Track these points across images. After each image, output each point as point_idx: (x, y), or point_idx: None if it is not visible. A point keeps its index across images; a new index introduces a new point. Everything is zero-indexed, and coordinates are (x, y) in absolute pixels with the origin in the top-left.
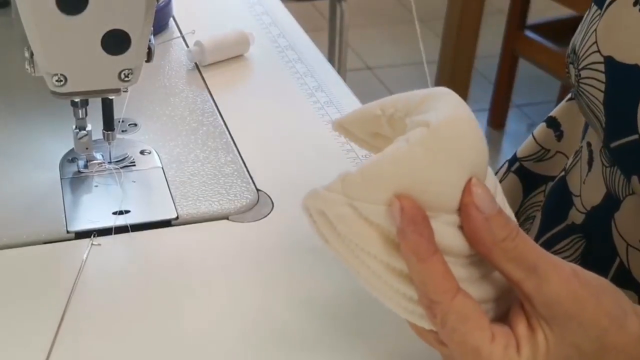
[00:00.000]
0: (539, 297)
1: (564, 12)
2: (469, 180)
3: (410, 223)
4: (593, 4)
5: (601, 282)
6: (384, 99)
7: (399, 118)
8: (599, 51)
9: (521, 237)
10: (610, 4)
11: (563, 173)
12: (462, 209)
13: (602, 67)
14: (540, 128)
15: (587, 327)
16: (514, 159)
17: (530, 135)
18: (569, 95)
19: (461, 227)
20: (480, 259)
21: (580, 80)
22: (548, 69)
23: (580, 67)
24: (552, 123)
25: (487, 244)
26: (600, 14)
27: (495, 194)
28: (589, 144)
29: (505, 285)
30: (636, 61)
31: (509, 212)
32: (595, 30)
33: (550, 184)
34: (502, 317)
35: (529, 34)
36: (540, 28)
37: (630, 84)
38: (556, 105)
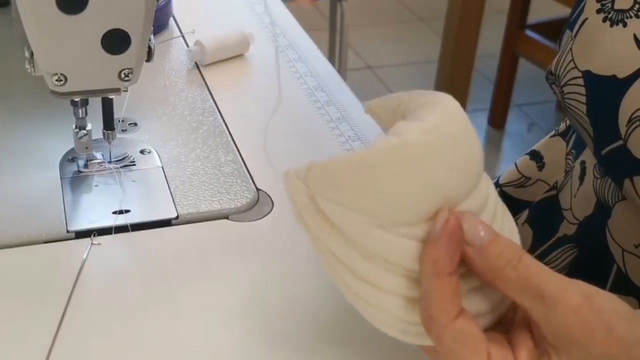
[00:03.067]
0: (547, 326)
1: (564, 12)
2: (448, 213)
3: (447, 236)
4: (567, 29)
5: (616, 306)
6: (405, 92)
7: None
8: (576, 67)
9: (525, 263)
10: (582, 24)
11: (554, 192)
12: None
13: (581, 81)
14: (523, 160)
15: (596, 355)
16: (495, 185)
17: (514, 164)
18: (552, 132)
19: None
20: (468, 272)
21: (565, 96)
22: (550, 63)
23: (562, 84)
24: (535, 156)
25: (487, 274)
26: (572, 35)
27: (487, 203)
28: (582, 162)
29: (498, 295)
30: (613, 72)
31: (508, 221)
32: (571, 49)
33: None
34: (501, 325)
35: (529, 33)
36: (540, 28)
37: (609, 93)
38: (556, 106)
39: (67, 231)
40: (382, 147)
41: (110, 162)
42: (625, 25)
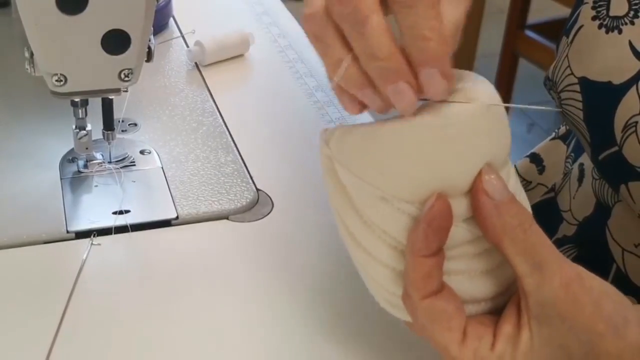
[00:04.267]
0: (536, 296)
1: (564, 11)
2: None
3: (426, 221)
4: (563, 35)
5: (606, 288)
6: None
7: None
8: (572, 74)
9: (534, 230)
10: (577, 31)
11: (552, 194)
12: (473, 196)
13: (577, 87)
14: (524, 162)
15: (580, 331)
16: None
17: (513, 167)
18: (553, 135)
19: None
20: (483, 253)
21: (562, 102)
22: (548, 69)
23: (559, 90)
24: (535, 159)
25: (497, 231)
26: (568, 42)
27: (508, 182)
28: (581, 165)
29: (509, 280)
30: (609, 78)
31: (525, 202)
32: (567, 55)
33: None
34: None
35: (529, 33)
36: (540, 28)
37: (605, 100)
38: (556, 106)
39: (67, 231)
40: (396, 124)
41: (110, 162)
42: (620, 32)
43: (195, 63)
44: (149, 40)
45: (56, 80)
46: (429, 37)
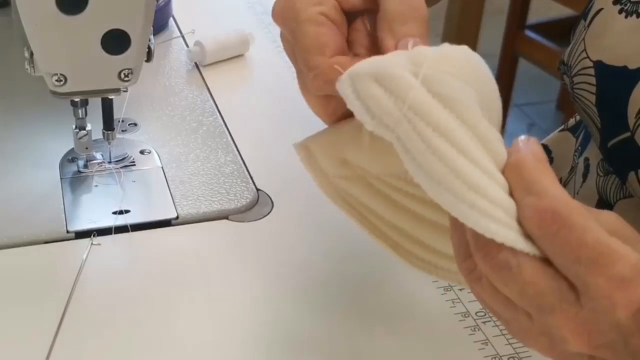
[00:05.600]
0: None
1: (564, 12)
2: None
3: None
4: (581, 19)
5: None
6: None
7: None
8: (588, 57)
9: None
10: (596, 14)
11: None
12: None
13: (592, 71)
14: None
15: None
16: None
17: None
18: (562, 127)
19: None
20: None
21: (574, 87)
22: (548, 68)
23: (572, 74)
24: (544, 150)
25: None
26: (585, 25)
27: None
28: (586, 159)
29: None
30: (624, 63)
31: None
32: (584, 38)
33: None
34: None
35: (529, 33)
36: (540, 28)
37: (619, 84)
38: (556, 106)
39: (67, 231)
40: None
41: (110, 162)
42: (639, 16)
43: (195, 63)
44: (149, 40)
45: (56, 80)
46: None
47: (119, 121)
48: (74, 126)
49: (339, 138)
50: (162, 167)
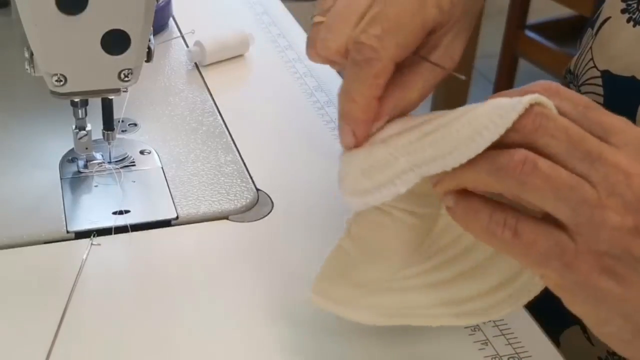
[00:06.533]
0: None
1: (564, 12)
2: None
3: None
4: (588, 27)
5: None
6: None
7: None
8: (595, 67)
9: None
10: (603, 22)
11: None
12: None
13: (599, 81)
14: None
15: None
16: None
17: None
18: None
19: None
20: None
21: None
22: (548, 69)
23: (579, 83)
24: None
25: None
26: (593, 33)
27: None
28: None
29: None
30: (633, 73)
31: None
32: (591, 48)
33: None
34: None
35: (529, 34)
36: (540, 28)
37: (627, 95)
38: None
39: (67, 231)
40: None
41: (110, 162)
42: None
43: (195, 63)
44: (149, 41)
45: (56, 80)
46: (356, 100)
47: (119, 121)
48: (73, 126)
49: (339, 262)
50: (162, 167)
